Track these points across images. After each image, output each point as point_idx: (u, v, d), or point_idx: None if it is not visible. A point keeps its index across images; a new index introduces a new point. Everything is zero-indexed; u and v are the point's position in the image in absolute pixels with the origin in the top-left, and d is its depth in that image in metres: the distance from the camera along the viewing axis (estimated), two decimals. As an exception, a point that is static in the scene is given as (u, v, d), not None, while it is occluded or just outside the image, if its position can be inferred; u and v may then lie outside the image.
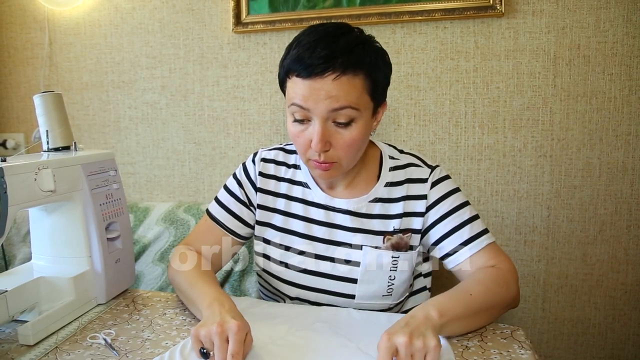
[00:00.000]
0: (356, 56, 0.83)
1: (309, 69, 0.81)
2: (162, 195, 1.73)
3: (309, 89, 0.82)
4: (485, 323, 0.85)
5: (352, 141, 0.86)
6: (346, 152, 0.87)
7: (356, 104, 0.83)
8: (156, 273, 1.49)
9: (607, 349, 1.46)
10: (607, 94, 1.37)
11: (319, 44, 0.82)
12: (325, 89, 0.81)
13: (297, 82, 0.84)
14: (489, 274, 0.88)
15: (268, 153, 1.06)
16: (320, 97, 0.81)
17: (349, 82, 0.82)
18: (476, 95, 1.44)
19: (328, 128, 0.85)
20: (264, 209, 1.03)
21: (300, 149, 0.89)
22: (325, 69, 0.80)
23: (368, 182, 0.98)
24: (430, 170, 0.97)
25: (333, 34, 0.84)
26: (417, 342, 0.68)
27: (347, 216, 0.97)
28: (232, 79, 1.61)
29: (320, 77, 0.81)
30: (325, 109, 0.82)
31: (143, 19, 1.66)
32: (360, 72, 0.83)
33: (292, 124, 0.88)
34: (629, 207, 1.40)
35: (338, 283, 0.96)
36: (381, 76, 0.88)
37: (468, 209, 0.95)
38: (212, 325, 0.72)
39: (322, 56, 0.80)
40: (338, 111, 0.83)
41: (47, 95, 1.00)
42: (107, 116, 1.74)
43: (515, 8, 1.39)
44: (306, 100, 0.83)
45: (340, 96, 0.82)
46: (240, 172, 1.06)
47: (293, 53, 0.85)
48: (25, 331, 0.80)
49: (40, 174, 0.86)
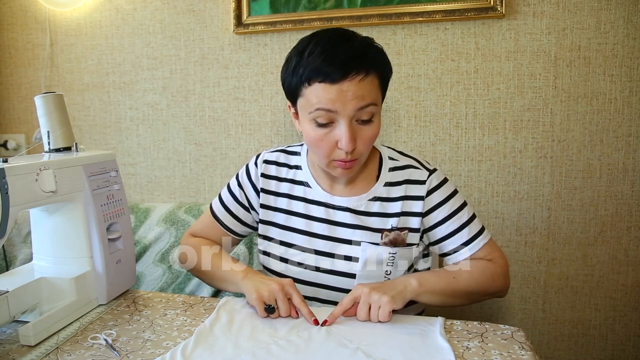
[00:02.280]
0: (371, 58, 0.88)
1: (334, 73, 0.84)
2: (163, 196, 1.73)
3: (336, 92, 0.85)
4: (462, 304, 0.96)
5: (373, 135, 0.91)
6: (367, 147, 0.92)
7: (376, 100, 0.89)
8: (157, 274, 1.49)
9: (607, 350, 1.46)
10: (607, 96, 1.37)
11: (337, 50, 0.86)
12: (352, 90, 0.85)
13: (321, 87, 0.86)
14: (478, 265, 0.97)
15: (270, 155, 1.09)
16: (348, 98, 0.85)
17: (370, 82, 0.87)
18: (477, 97, 1.45)
19: (354, 127, 0.89)
20: (266, 208, 1.06)
21: (324, 152, 0.91)
22: (350, 72, 0.84)
23: (367, 181, 1.01)
24: (429, 173, 1.00)
25: (342, 39, 0.88)
26: (374, 295, 0.85)
27: (347, 213, 0.99)
28: (233, 80, 1.62)
29: (347, 80, 0.85)
30: (352, 108, 0.86)
31: (144, 20, 1.66)
32: (377, 72, 0.89)
33: (315, 128, 0.90)
34: (629, 208, 1.40)
35: (337, 278, 0.98)
36: (389, 73, 0.94)
37: (466, 211, 1.00)
38: (271, 284, 0.88)
39: (344, 60, 0.84)
40: (364, 109, 0.87)
41: (48, 96, 1.00)
42: (108, 117, 1.75)
43: (515, 9, 1.39)
44: (334, 103, 0.86)
45: (366, 95, 0.86)
46: (243, 174, 1.11)
47: (310, 61, 0.86)
48: (27, 332, 0.81)
49: (42, 174, 0.86)
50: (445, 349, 0.76)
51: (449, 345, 0.77)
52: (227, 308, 0.92)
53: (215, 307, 0.93)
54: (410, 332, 0.83)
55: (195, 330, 0.83)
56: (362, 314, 0.86)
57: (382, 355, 0.75)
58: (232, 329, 0.84)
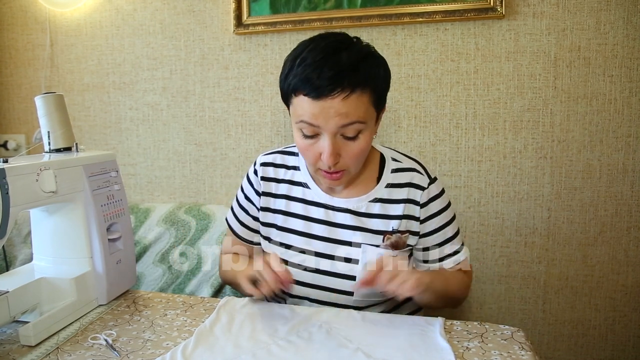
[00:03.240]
0: (362, 73, 0.85)
1: (317, 90, 0.83)
2: (163, 197, 1.73)
3: (318, 108, 0.84)
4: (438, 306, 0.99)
5: (359, 151, 0.90)
6: (354, 161, 0.91)
7: (363, 118, 0.86)
8: (157, 274, 1.49)
9: (607, 351, 1.46)
10: (607, 96, 1.37)
11: (325, 63, 0.83)
12: (335, 107, 0.83)
13: (305, 100, 0.85)
14: (460, 277, 1.02)
15: (267, 157, 1.08)
16: (330, 115, 0.84)
17: (357, 99, 0.84)
18: (477, 97, 1.45)
19: (337, 142, 0.87)
20: (266, 210, 1.06)
21: (310, 161, 0.92)
22: (334, 89, 0.82)
23: (367, 182, 1.00)
24: (429, 181, 1.00)
25: (336, 49, 0.85)
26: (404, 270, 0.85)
27: (347, 215, 0.99)
28: (233, 81, 1.62)
29: (329, 97, 0.83)
30: (334, 125, 0.85)
31: (144, 20, 1.67)
32: (367, 88, 0.85)
33: (301, 138, 0.90)
34: (629, 208, 1.40)
35: (337, 280, 0.98)
36: (384, 85, 0.91)
37: (451, 227, 1.02)
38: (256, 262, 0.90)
39: (330, 77, 0.82)
40: (347, 127, 0.86)
41: (48, 96, 1.00)
42: (108, 117, 1.75)
43: (515, 10, 1.39)
44: (316, 118, 0.85)
45: (350, 112, 0.84)
46: (247, 186, 1.10)
47: (299, 71, 0.85)
48: (27, 332, 0.81)
49: (42, 175, 0.86)
50: (445, 349, 0.76)
51: (449, 346, 0.77)
52: (227, 308, 0.92)
53: (216, 307, 0.93)
54: (410, 333, 0.83)
55: (196, 330, 0.83)
56: (385, 278, 0.83)
57: (382, 355, 0.75)
58: (232, 329, 0.84)
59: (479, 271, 1.51)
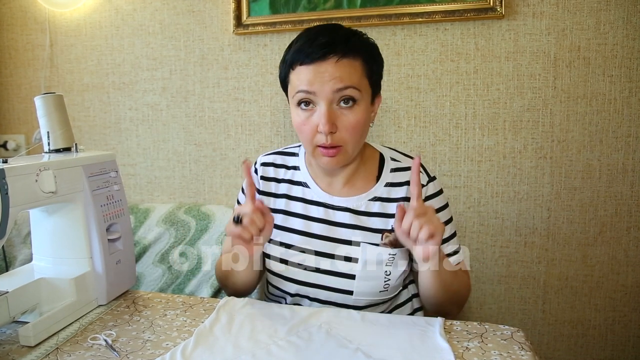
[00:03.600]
0: (353, 44, 0.90)
1: (312, 55, 0.88)
2: (163, 197, 1.73)
3: (313, 73, 0.88)
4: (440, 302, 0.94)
5: (356, 122, 0.90)
6: (351, 134, 0.91)
7: (358, 85, 0.89)
8: (157, 274, 1.49)
9: (607, 351, 1.46)
10: (607, 96, 1.37)
11: (318, 35, 0.90)
12: (329, 71, 0.87)
13: (301, 70, 0.90)
14: (465, 279, 1.01)
15: (267, 157, 1.09)
16: (325, 79, 0.88)
17: (349, 64, 0.89)
18: (476, 97, 1.45)
19: (333, 110, 0.90)
20: None
21: (307, 137, 0.93)
22: (327, 53, 0.87)
23: (366, 181, 1.01)
24: (428, 180, 1.01)
25: (330, 27, 0.93)
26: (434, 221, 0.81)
27: (347, 214, 0.99)
28: (232, 81, 1.62)
29: (323, 60, 0.88)
30: (330, 89, 0.88)
31: (144, 20, 1.67)
32: (358, 57, 0.90)
33: (298, 113, 0.93)
34: (629, 208, 1.40)
35: (337, 279, 0.98)
36: (376, 65, 0.94)
37: (448, 228, 1.01)
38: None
39: (323, 43, 0.88)
40: (342, 91, 0.88)
41: (48, 96, 1.00)
42: (108, 117, 1.75)
43: (515, 10, 1.39)
44: (312, 84, 0.88)
45: (344, 77, 0.88)
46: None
47: (295, 47, 0.92)
48: (26, 332, 0.81)
49: (41, 175, 0.86)
50: (445, 350, 0.76)
51: (448, 346, 0.77)
52: (227, 308, 0.92)
53: (215, 307, 0.93)
54: (410, 333, 0.83)
55: (195, 330, 0.83)
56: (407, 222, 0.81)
57: (382, 355, 0.75)
58: (232, 330, 0.84)
59: (479, 271, 1.51)
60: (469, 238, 1.50)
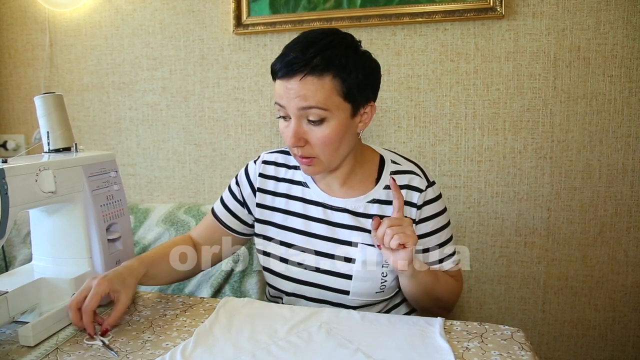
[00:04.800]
0: (325, 59, 0.86)
1: (281, 70, 0.88)
2: (163, 197, 1.73)
3: (282, 89, 0.89)
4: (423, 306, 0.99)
5: (325, 139, 0.90)
6: (322, 149, 0.91)
7: (324, 104, 0.87)
8: (156, 274, 1.49)
9: (607, 351, 1.46)
10: (607, 96, 1.37)
11: (295, 47, 0.89)
12: (295, 89, 0.87)
13: (277, 83, 0.92)
14: (451, 282, 1.02)
15: (269, 156, 1.10)
16: (291, 96, 0.88)
17: (314, 82, 0.86)
18: (476, 97, 1.45)
19: (302, 125, 0.90)
20: (263, 207, 1.06)
21: (287, 144, 0.95)
22: (292, 70, 0.87)
23: (366, 183, 1.01)
24: (427, 185, 1.01)
25: (314, 38, 0.89)
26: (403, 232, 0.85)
27: (345, 214, 0.99)
28: (232, 81, 1.62)
29: (289, 77, 0.87)
30: (295, 106, 0.88)
31: (144, 20, 1.66)
32: (327, 74, 0.86)
33: (280, 122, 0.95)
34: (628, 208, 1.40)
35: (334, 279, 0.98)
36: (353, 78, 0.88)
37: (445, 232, 1.02)
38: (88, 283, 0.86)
39: (290, 60, 0.87)
40: (307, 110, 0.88)
41: (47, 96, 1.00)
42: (108, 117, 1.75)
43: (515, 10, 1.39)
44: (281, 98, 0.90)
45: (308, 95, 0.87)
46: (241, 173, 1.11)
47: (275, 59, 0.92)
48: (26, 332, 0.80)
49: (41, 175, 0.86)
50: (445, 350, 0.76)
51: (448, 346, 0.77)
52: (227, 309, 0.92)
53: (215, 307, 0.93)
54: (409, 333, 0.83)
55: (195, 330, 0.83)
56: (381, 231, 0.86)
57: (381, 355, 0.75)
58: (231, 330, 0.84)
59: (479, 271, 1.51)
60: (469, 238, 1.50)
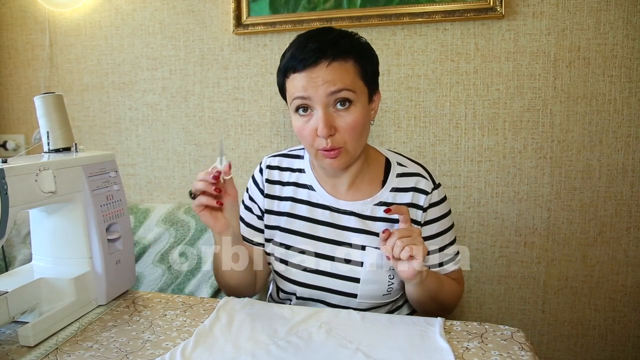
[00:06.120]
0: (343, 46, 0.90)
1: (303, 61, 0.89)
2: (163, 197, 1.73)
3: (306, 79, 0.89)
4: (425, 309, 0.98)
5: (354, 123, 0.90)
6: (350, 135, 0.91)
7: (351, 86, 0.89)
8: (156, 274, 1.49)
9: (607, 351, 1.46)
10: (607, 96, 1.37)
11: (308, 41, 0.91)
12: (321, 76, 0.88)
13: (295, 77, 0.90)
14: (454, 285, 1.03)
15: (272, 160, 1.09)
16: (318, 84, 0.88)
17: (340, 67, 0.89)
18: (476, 97, 1.45)
19: (330, 113, 0.90)
20: (271, 213, 1.06)
21: (308, 142, 0.94)
22: (318, 58, 0.88)
23: (372, 186, 1.01)
24: (433, 187, 1.01)
25: (321, 32, 0.94)
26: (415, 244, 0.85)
27: (352, 217, 0.99)
28: (232, 81, 1.62)
29: (314, 66, 0.88)
30: (324, 93, 0.88)
31: (143, 20, 1.66)
32: (349, 59, 0.90)
33: (297, 118, 0.93)
34: (629, 208, 1.40)
35: (341, 282, 0.98)
36: (369, 64, 0.94)
37: (448, 235, 1.03)
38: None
39: (314, 49, 0.89)
40: (336, 94, 0.89)
41: (47, 96, 1.00)
42: (108, 117, 1.75)
43: (515, 10, 1.39)
44: (306, 89, 0.89)
45: (336, 79, 0.88)
46: (252, 187, 1.10)
47: (287, 56, 0.93)
48: (26, 332, 0.81)
49: (41, 175, 0.86)
50: (445, 350, 0.76)
51: (448, 346, 0.77)
52: (227, 309, 0.92)
53: (215, 307, 0.93)
54: (410, 333, 0.83)
55: (195, 330, 0.83)
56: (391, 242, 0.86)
57: (381, 355, 0.75)
58: (231, 330, 0.84)
59: (479, 271, 1.51)
60: (469, 238, 1.50)
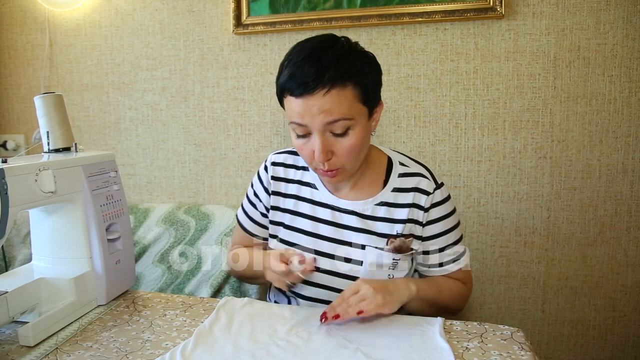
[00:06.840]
0: (342, 69, 0.85)
1: (300, 87, 0.85)
2: (162, 197, 1.73)
3: (302, 107, 0.86)
4: (429, 314, 0.94)
5: (351, 147, 0.89)
6: (348, 158, 0.90)
7: (349, 114, 0.86)
8: (156, 274, 1.49)
9: (607, 351, 1.46)
10: (607, 96, 1.37)
11: (306, 62, 0.85)
12: (318, 105, 0.84)
13: (291, 100, 0.87)
14: (457, 288, 1.02)
15: (278, 157, 1.09)
16: (314, 113, 0.85)
17: (338, 94, 0.85)
18: (476, 97, 1.45)
19: (327, 139, 0.88)
20: (276, 209, 1.07)
21: (306, 160, 0.94)
22: (315, 86, 0.84)
23: (374, 185, 1.01)
24: (435, 187, 1.00)
25: (319, 49, 0.87)
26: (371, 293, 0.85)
27: (353, 217, 0.99)
28: (232, 81, 1.62)
29: (311, 94, 0.84)
30: (320, 122, 0.86)
31: (143, 20, 1.66)
32: (348, 83, 0.85)
33: (295, 138, 0.92)
34: (628, 208, 1.40)
35: (341, 280, 0.98)
36: (370, 81, 0.90)
37: (454, 233, 1.02)
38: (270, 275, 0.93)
39: (311, 74, 0.84)
40: (333, 124, 0.86)
41: (47, 96, 1.00)
42: (108, 117, 1.75)
43: (515, 10, 1.39)
44: (302, 117, 0.86)
45: (333, 109, 0.85)
46: (257, 183, 1.10)
47: (285, 72, 0.88)
48: (26, 332, 0.81)
49: (41, 175, 0.86)
50: (445, 350, 0.76)
51: (448, 346, 0.77)
52: (227, 308, 0.92)
53: (215, 307, 0.93)
54: (409, 333, 0.83)
55: (195, 330, 0.83)
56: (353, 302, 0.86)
57: (381, 355, 0.75)
58: (231, 330, 0.84)
59: (479, 271, 1.51)
60: (469, 238, 1.50)
